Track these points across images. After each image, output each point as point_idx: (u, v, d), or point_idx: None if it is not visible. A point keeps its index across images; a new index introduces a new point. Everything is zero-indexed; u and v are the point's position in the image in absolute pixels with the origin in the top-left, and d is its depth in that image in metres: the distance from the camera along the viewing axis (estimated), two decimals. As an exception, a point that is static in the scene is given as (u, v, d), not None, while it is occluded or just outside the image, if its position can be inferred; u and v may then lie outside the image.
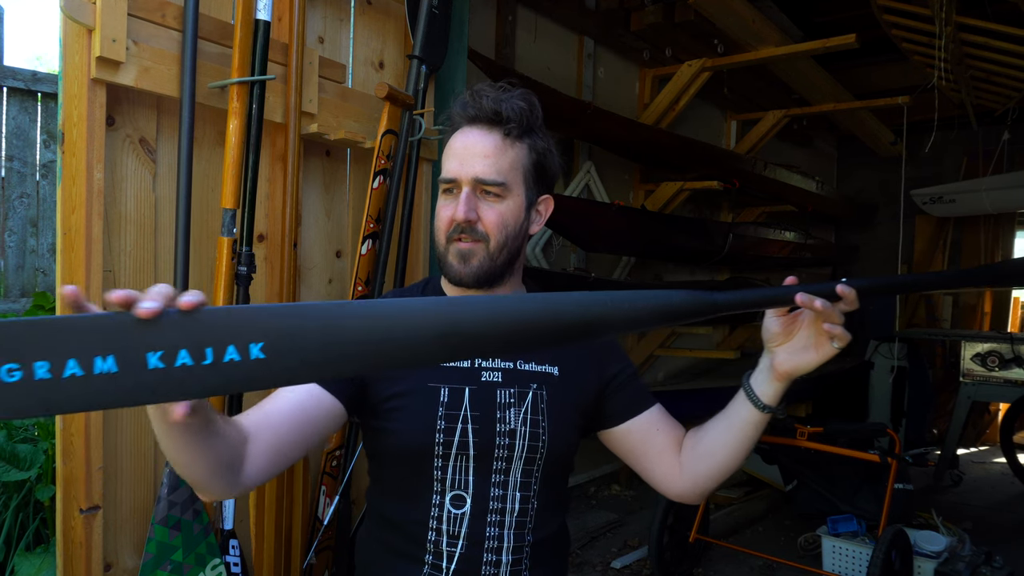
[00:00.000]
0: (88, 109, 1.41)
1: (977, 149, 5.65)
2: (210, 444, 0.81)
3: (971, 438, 5.60)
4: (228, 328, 0.60)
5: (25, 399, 0.55)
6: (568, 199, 3.41)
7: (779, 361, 0.95)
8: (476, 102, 1.04)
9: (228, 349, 0.59)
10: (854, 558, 2.82)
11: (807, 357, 0.93)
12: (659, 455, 1.12)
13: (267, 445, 0.91)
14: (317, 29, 1.92)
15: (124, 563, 1.56)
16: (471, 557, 1.05)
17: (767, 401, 0.98)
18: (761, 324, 0.98)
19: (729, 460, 1.05)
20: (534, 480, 1.08)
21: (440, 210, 1.05)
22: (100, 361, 0.56)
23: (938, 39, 3.10)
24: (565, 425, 1.10)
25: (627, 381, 1.15)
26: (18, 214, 2.18)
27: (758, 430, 1.01)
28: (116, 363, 0.56)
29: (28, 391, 0.55)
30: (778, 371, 0.95)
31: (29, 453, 1.83)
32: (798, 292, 0.86)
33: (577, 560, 3.12)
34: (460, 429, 1.04)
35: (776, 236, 4.68)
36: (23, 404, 0.55)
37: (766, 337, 0.96)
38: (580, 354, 1.13)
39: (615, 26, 3.86)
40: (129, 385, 0.57)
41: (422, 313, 0.67)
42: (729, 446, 1.03)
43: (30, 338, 0.55)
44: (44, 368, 0.55)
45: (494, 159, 1.02)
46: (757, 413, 0.99)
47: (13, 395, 0.54)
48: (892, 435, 2.93)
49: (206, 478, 0.84)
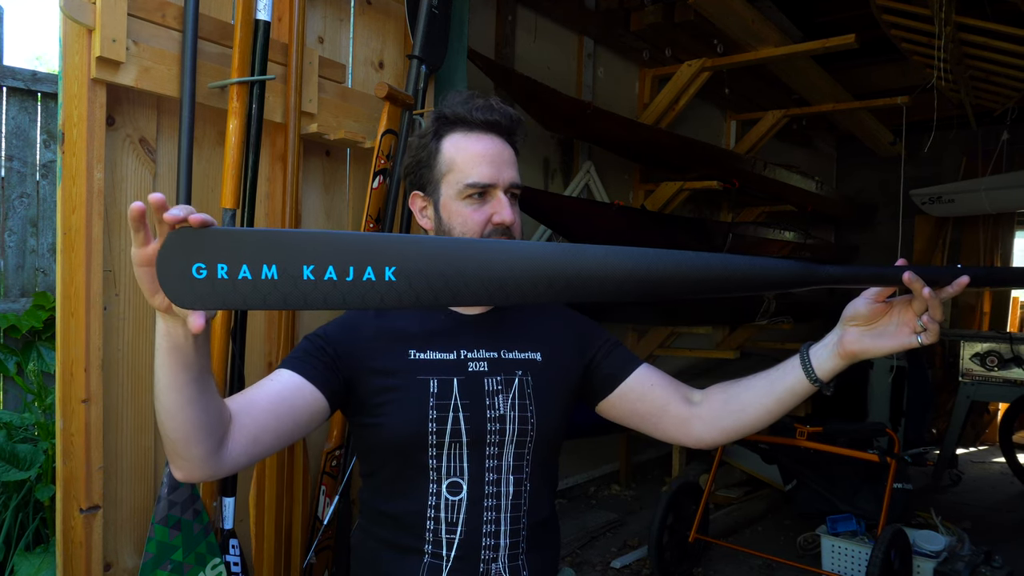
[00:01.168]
0: (88, 109, 1.42)
1: (976, 149, 5.65)
2: (203, 395, 0.83)
3: (970, 438, 5.60)
4: (368, 252, 0.69)
5: (208, 293, 0.66)
6: (568, 199, 3.41)
7: (850, 339, 0.94)
8: (499, 110, 1.12)
9: (367, 269, 0.69)
10: (853, 558, 2.83)
11: (882, 343, 0.91)
12: (662, 409, 1.14)
13: (247, 430, 0.92)
14: (317, 29, 1.92)
15: (124, 563, 1.56)
16: (470, 542, 1.07)
17: (821, 375, 0.98)
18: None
19: (758, 421, 1.06)
20: (526, 463, 1.12)
21: (472, 214, 1.09)
22: (266, 269, 0.67)
23: (937, 39, 3.09)
24: (552, 407, 1.14)
25: (609, 351, 1.19)
26: (18, 214, 2.18)
27: (798, 400, 1.02)
28: (278, 272, 0.67)
29: (211, 287, 0.66)
30: (846, 349, 0.94)
31: (29, 453, 1.83)
32: (906, 271, 0.84)
33: (577, 560, 3.12)
34: (452, 418, 1.07)
35: (776, 236, 4.68)
36: (206, 297, 0.67)
37: (847, 315, 0.94)
38: (561, 338, 1.19)
39: (615, 26, 3.86)
40: (287, 290, 0.68)
41: (539, 256, 0.74)
42: (765, 408, 1.05)
43: (211, 245, 0.66)
44: (223, 270, 0.66)
45: (517, 167, 1.13)
46: (807, 384, 0.99)
47: (200, 289, 0.66)
48: (891, 435, 2.93)
49: (190, 435, 0.84)
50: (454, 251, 0.72)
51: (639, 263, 0.76)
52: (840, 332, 0.95)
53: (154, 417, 1.59)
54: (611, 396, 1.17)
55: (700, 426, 1.11)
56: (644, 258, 0.77)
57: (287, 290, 0.67)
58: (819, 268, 0.82)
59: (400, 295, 0.70)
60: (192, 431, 0.84)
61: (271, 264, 0.67)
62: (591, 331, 1.22)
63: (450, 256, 0.71)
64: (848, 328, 0.94)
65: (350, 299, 0.69)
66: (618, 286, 0.76)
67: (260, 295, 0.67)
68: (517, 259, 0.73)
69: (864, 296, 0.93)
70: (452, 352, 1.11)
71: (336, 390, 1.05)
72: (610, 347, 1.20)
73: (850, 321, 0.94)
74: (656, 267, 0.77)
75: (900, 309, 0.91)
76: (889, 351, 0.91)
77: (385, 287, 0.69)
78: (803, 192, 4.96)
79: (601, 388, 1.18)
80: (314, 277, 0.68)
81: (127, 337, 1.56)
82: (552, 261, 0.74)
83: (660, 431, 1.15)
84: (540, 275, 0.73)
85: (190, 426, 0.84)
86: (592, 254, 0.75)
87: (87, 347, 1.44)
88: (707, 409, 1.11)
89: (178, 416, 0.83)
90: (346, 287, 0.68)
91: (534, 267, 0.73)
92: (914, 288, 0.84)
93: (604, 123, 3.40)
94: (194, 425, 0.84)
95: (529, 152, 1.09)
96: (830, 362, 0.97)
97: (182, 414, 0.83)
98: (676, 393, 1.14)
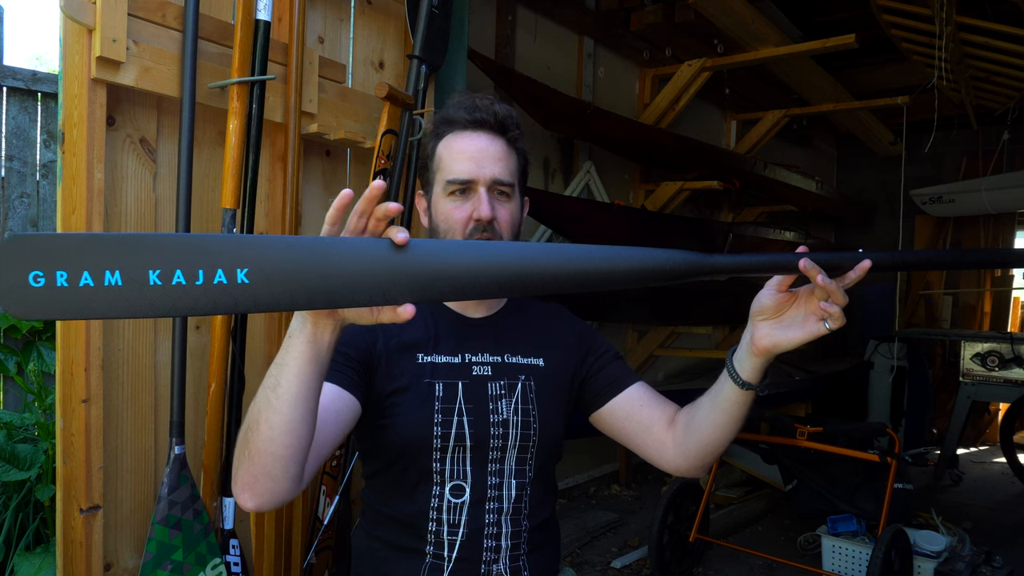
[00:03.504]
0: (88, 109, 1.41)
1: (977, 149, 5.65)
2: (313, 406, 0.82)
3: (971, 438, 5.60)
4: (218, 253, 0.66)
5: (48, 302, 0.63)
6: (568, 199, 3.41)
7: (760, 335, 0.90)
8: (484, 108, 1.09)
9: (217, 272, 0.65)
10: (854, 558, 2.82)
11: (791, 334, 0.87)
12: (647, 430, 1.12)
13: (313, 446, 0.91)
14: (317, 29, 1.92)
15: (124, 563, 1.56)
16: (472, 543, 1.08)
17: (746, 377, 0.93)
18: None
19: (716, 437, 1.02)
20: (528, 468, 1.12)
21: (453, 211, 1.08)
22: (109, 275, 0.63)
23: (938, 39, 3.09)
24: (554, 414, 1.14)
25: (606, 363, 1.18)
26: (18, 214, 2.18)
27: (741, 408, 0.97)
28: (122, 278, 0.64)
29: (50, 296, 0.63)
30: (757, 346, 0.90)
31: (29, 453, 1.83)
32: (802, 259, 0.79)
33: (577, 560, 3.12)
34: (456, 422, 1.07)
35: (776, 236, 4.68)
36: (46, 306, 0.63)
37: (754, 309, 0.90)
38: (562, 345, 1.19)
39: (615, 26, 3.86)
40: (132, 297, 0.64)
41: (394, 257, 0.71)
42: (715, 423, 1.01)
43: (48, 251, 0.63)
44: (63, 277, 0.63)
45: (505, 162, 1.10)
46: (737, 390, 0.95)
47: (39, 298, 0.63)
48: (892, 435, 2.93)
49: (297, 453, 0.83)
50: (310, 251, 0.68)
51: (505, 258, 0.73)
52: (751, 328, 0.91)
53: (154, 417, 1.60)
54: (600, 411, 1.16)
55: (672, 452, 1.09)
56: (504, 253, 0.74)
57: (133, 297, 0.64)
58: (708, 258, 0.78)
59: (255, 297, 0.66)
60: (299, 448, 0.82)
61: (114, 270, 0.63)
62: (591, 341, 1.21)
63: (306, 255, 0.68)
64: (757, 323, 0.90)
65: (201, 304, 0.65)
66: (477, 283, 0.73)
67: (104, 303, 0.63)
68: (365, 259, 0.69)
69: (767, 287, 0.89)
70: (457, 356, 1.12)
71: (365, 392, 1.06)
72: (606, 360, 1.19)
73: (757, 315, 0.90)
74: (517, 262, 0.74)
75: (806, 298, 0.86)
76: (800, 342, 0.86)
77: (238, 290, 0.66)
78: (803, 192, 4.96)
79: (592, 401, 1.17)
80: (161, 282, 0.64)
81: (127, 337, 1.56)
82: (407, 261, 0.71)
83: (643, 453, 1.13)
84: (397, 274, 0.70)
85: (300, 443, 0.82)
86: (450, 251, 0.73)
87: (87, 347, 1.44)
88: (677, 434, 1.08)
89: (295, 431, 0.80)
90: (196, 291, 0.65)
91: (383, 267, 0.70)
92: (810, 276, 0.79)
93: (604, 123, 3.40)
94: (304, 442, 0.82)
95: (529, 152, 1.10)
96: (747, 362, 0.92)
97: (300, 428, 0.81)
98: (663, 415, 1.11)
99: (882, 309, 5.72)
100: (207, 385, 1.62)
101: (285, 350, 0.79)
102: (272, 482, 0.83)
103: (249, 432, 0.83)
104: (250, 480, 0.84)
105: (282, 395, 0.79)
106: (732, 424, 1.00)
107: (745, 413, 0.98)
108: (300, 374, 0.78)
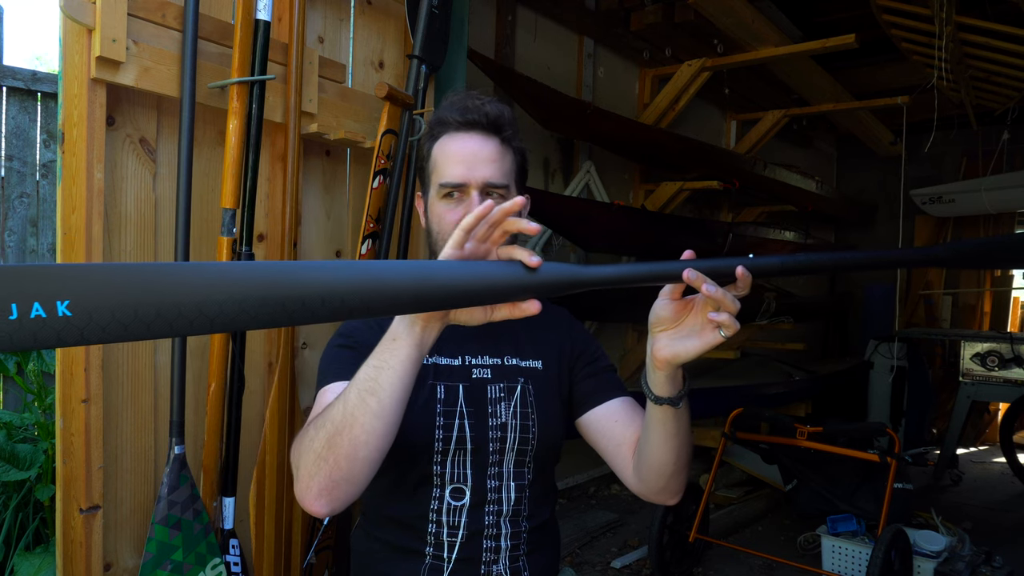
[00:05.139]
0: (88, 109, 1.41)
1: (977, 149, 5.65)
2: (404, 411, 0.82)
3: (971, 438, 5.60)
4: (32, 284, 0.59)
5: None
6: (568, 199, 3.41)
7: (658, 347, 0.85)
8: (475, 108, 1.07)
9: (34, 306, 0.59)
10: (854, 558, 2.82)
11: (690, 344, 0.83)
12: (617, 448, 1.09)
13: None
14: (317, 29, 1.92)
15: (124, 563, 1.56)
16: (472, 545, 1.08)
17: (657, 392, 0.89)
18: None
19: (659, 458, 0.98)
20: (527, 470, 1.12)
21: (445, 214, 1.07)
22: None
23: (938, 39, 3.10)
24: (552, 416, 1.14)
25: (594, 372, 1.17)
26: (18, 214, 2.18)
27: (667, 425, 0.93)
28: None
29: None
30: (656, 358, 0.86)
31: (29, 453, 1.83)
32: (686, 268, 0.76)
33: (577, 560, 3.12)
34: (457, 425, 1.07)
35: (776, 236, 4.68)
36: None
37: (651, 320, 0.86)
38: (559, 348, 1.18)
39: (615, 26, 3.86)
40: None
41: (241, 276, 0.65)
42: (652, 443, 0.97)
43: None
44: None
45: (499, 163, 1.07)
46: (654, 406, 0.91)
47: None
48: (891, 435, 2.93)
49: (381, 456, 0.82)
50: (142, 276, 0.62)
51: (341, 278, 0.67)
52: (651, 341, 0.87)
53: (154, 417, 1.60)
54: (580, 419, 1.16)
55: (632, 474, 1.06)
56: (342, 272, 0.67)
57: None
58: (583, 270, 0.74)
59: (81, 331, 0.60)
60: (384, 452, 0.82)
61: None
62: (584, 347, 1.20)
63: (138, 282, 0.61)
64: (656, 335, 0.86)
65: (17, 339, 0.58)
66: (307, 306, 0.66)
67: None
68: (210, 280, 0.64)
69: (661, 296, 0.85)
70: (458, 358, 1.12)
71: None
72: (594, 369, 1.17)
73: (655, 327, 0.85)
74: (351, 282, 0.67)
75: (701, 306, 0.83)
76: (698, 352, 0.83)
77: (60, 323, 0.59)
78: (803, 192, 4.96)
79: (575, 408, 1.17)
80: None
81: (127, 337, 1.55)
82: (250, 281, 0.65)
83: (615, 471, 1.11)
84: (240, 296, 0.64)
85: (386, 445, 0.82)
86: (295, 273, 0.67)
87: (87, 347, 1.44)
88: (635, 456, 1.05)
89: (390, 434, 0.81)
90: (10, 327, 0.57)
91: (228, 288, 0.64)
92: (696, 287, 0.77)
93: (604, 123, 3.40)
94: (388, 445, 0.82)
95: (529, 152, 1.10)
96: (652, 375, 0.88)
97: (393, 431, 0.81)
98: (634, 435, 1.07)
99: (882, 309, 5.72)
100: (207, 385, 1.63)
101: (388, 352, 0.79)
102: (352, 487, 0.83)
103: (337, 437, 0.81)
104: (329, 486, 0.82)
105: (384, 399, 0.79)
106: (668, 442, 0.95)
107: (677, 430, 0.93)
108: (403, 377, 0.78)
